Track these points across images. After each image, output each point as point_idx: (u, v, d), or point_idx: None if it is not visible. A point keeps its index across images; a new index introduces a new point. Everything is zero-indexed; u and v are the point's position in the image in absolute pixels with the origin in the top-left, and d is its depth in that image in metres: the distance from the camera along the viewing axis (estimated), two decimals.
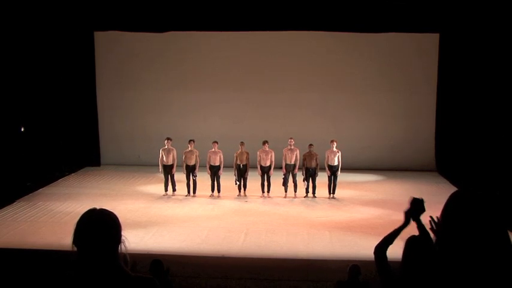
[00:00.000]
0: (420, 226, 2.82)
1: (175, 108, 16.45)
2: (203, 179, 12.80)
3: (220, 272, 8.00)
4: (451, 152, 15.23)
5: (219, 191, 12.80)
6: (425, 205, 2.97)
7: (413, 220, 2.89)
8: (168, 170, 12.80)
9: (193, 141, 12.81)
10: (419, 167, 15.80)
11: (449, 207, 2.31)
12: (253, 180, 12.88)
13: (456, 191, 2.36)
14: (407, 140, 16.04)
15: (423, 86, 15.94)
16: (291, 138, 12.70)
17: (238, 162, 12.64)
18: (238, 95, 16.31)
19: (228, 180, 12.84)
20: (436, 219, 2.49)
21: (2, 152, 12.73)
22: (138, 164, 16.24)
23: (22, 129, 13.90)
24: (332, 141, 12.68)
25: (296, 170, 12.69)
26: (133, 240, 9.34)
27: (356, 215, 11.38)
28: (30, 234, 9.71)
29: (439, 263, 2.28)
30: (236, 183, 12.75)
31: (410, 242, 2.55)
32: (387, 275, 2.75)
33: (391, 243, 2.89)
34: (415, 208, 2.92)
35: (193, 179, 12.70)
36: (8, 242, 9.19)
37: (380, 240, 2.94)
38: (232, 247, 9.13)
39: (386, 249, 2.87)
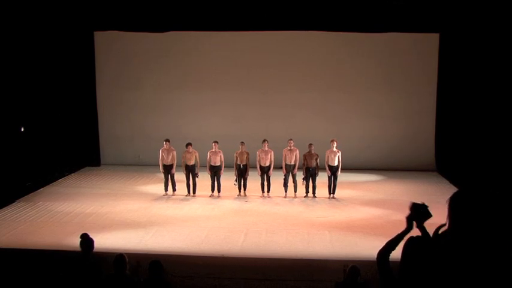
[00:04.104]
0: (423, 232, 2.81)
1: (175, 108, 16.45)
2: (203, 179, 12.80)
3: (220, 272, 8.00)
4: (451, 152, 15.23)
5: (219, 191, 12.80)
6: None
7: (417, 227, 2.87)
8: (168, 169, 12.80)
9: (191, 144, 12.75)
10: (419, 167, 15.80)
11: (456, 208, 2.30)
12: (253, 180, 12.88)
13: (458, 191, 2.35)
14: (407, 140, 16.04)
15: (423, 86, 15.94)
16: (290, 140, 12.71)
17: (239, 162, 12.64)
18: (238, 95, 16.31)
19: (228, 180, 12.85)
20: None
21: (2, 152, 12.74)
22: (138, 164, 16.24)
23: (22, 129, 13.90)
24: (332, 141, 12.68)
25: (296, 170, 12.69)
26: (134, 240, 9.36)
27: (356, 215, 11.37)
28: (30, 234, 9.71)
29: (440, 264, 2.28)
30: (235, 184, 12.75)
31: (410, 243, 2.54)
32: (388, 279, 2.75)
33: (393, 249, 2.88)
34: (417, 213, 2.89)
35: (193, 179, 12.70)
36: (8, 242, 9.19)
37: (383, 244, 2.93)
38: (232, 247, 9.13)
39: (389, 255, 2.87)
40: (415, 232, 2.81)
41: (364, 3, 14.01)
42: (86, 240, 5.72)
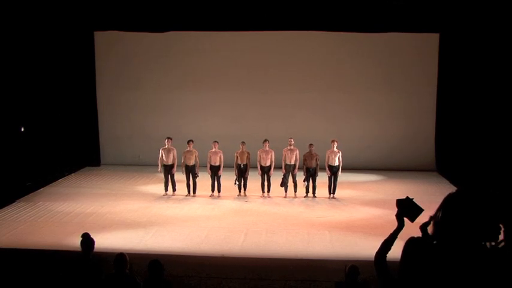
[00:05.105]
0: (423, 230, 2.81)
1: (175, 108, 16.45)
2: (203, 179, 12.80)
3: (220, 272, 8.00)
4: (451, 152, 15.23)
5: (219, 191, 12.80)
6: (425, 205, 2.96)
7: (420, 228, 2.87)
8: (168, 170, 12.80)
9: (192, 142, 12.82)
10: (419, 167, 15.80)
11: (446, 206, 2.31)
12: (253, 180, 12.88)
13: (453, 192, 2.36)
14: (407, 140, 16.04)
15: (423, 86, 15.94)
16: (290, 138, 12.73)
17: (239, 162, 12.65)
18: (238, 95, 16.32)
19: (228, 180, 12.84)
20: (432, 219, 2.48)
21: (2, 152, 12.74)
22: (138, 164, 16.24)
23: (22, 129, 13.90)
24: (333, 141, 12.69)
25: (296, 170, 12.69)
26: (134, 240, 9.36)
27: (356, 215, 11.37)
28: (30, 234, 9.71)
29: (438, 264, 2.28)
30: (236, 183, 12.76)
31: (410, 244, 2.55)
32: (387, 279, 2.75)
33: (389, 248, 2.90)
34: (403, 210, 2.91)
35: (193, 179, 12.71)
36: (8, 242, 9.19)
37: (379, 245, 2.94)
38: (232, 247, 9.13)
39: (386, 255, 2.88)
40: (416, 233, 2.81)
41: (364, 3, 14.01)
42: (87, 240, 5.73)
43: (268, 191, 12.83)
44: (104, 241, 8.77)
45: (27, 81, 13.87)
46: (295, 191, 12.74)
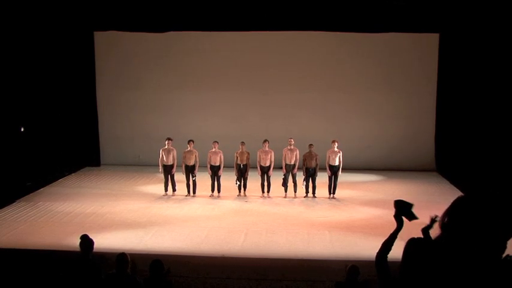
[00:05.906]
0: (425, 233, 2.82)
1: (175, 108, 16.45)
2: (203, 179, 12.81)
3: (220, 272, 8.00)
4: (451, 152, 15.23)
5: (219, 191, 12.80)
6: (425, 205, 2.97)
7: (410, 221, 2.88)
8: (168, 170, 12.80)
9: (193, 142, 12.82)
10: (419, 167, 15.80)
11: (454, 211, 2.31)
12: (253, 180, 12.88)
13: (462, 196, 2.36)
14: (407, 140, 16.04)
15: (423, 86, 15.94)
16: (290, 138, 12.73)
17: (239, 162, 12.65)
18: (238, 95, 16.32)
19: (228, 180, 12.84)
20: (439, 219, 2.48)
21: (2, 152, 12.74)
22: (138, 164, 16.24)
23: (22, 129, 13.90)
24: (333, 141, 12.70)
25: (296, 170, 12.70)
26: (134, 240, 9.36)
27: (356, 215, 11.37)
28: (30, 234, 9.71)
29: (440, 265, 2.28)
30: (236, 183, 12.77)
31: (411, 244, 2.55)
32: (387, 279, 2.76)
33: (390, 249, 2.91)
34: (401, 210, 2.93)
35: (192, 180, 12.71)
36: (8, 242, 9.19)
37: (380, 245, 2.94)
38: (232, 247, 9.13)
39: (386, 256, 2.88)
40: (416, 233, 2.81)
41: (364, 3, 14.01)
42: (86, 241, 5.73)
43: (268, 191, 12.83)
44: (103, 241, 8.77)
45: (27, 81, 13.87)
46: (295, 191, 12.74)
